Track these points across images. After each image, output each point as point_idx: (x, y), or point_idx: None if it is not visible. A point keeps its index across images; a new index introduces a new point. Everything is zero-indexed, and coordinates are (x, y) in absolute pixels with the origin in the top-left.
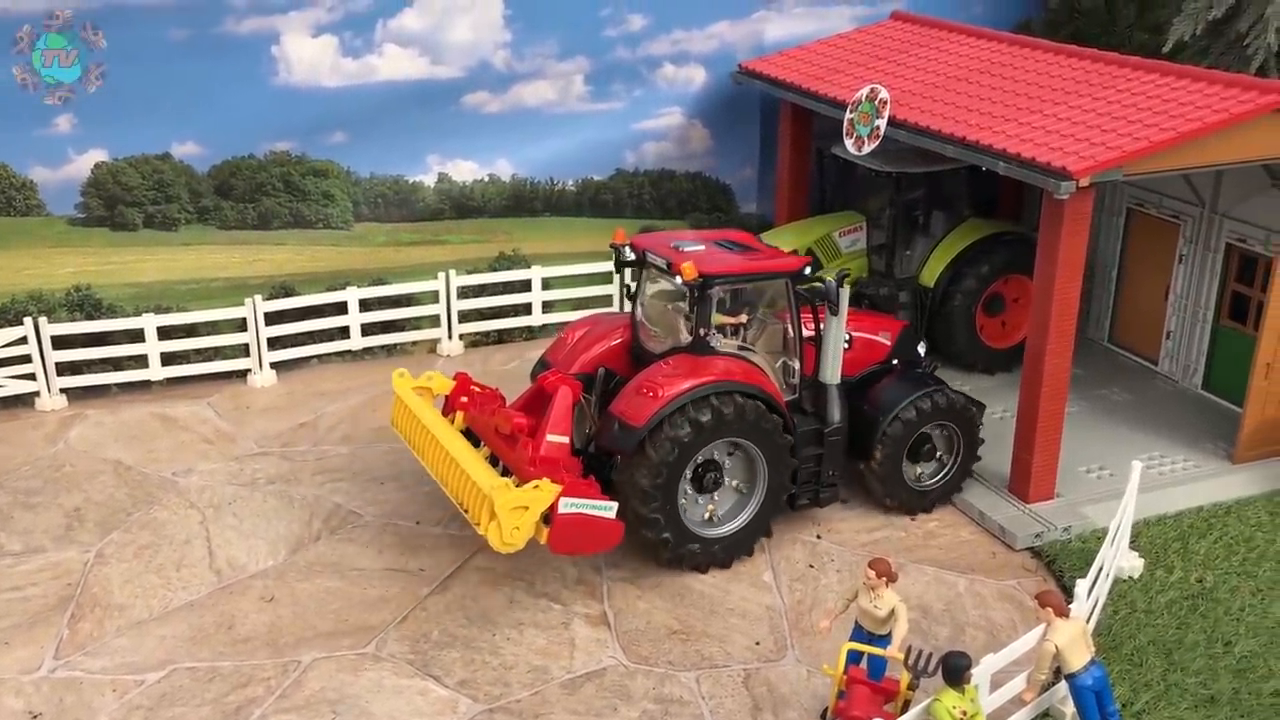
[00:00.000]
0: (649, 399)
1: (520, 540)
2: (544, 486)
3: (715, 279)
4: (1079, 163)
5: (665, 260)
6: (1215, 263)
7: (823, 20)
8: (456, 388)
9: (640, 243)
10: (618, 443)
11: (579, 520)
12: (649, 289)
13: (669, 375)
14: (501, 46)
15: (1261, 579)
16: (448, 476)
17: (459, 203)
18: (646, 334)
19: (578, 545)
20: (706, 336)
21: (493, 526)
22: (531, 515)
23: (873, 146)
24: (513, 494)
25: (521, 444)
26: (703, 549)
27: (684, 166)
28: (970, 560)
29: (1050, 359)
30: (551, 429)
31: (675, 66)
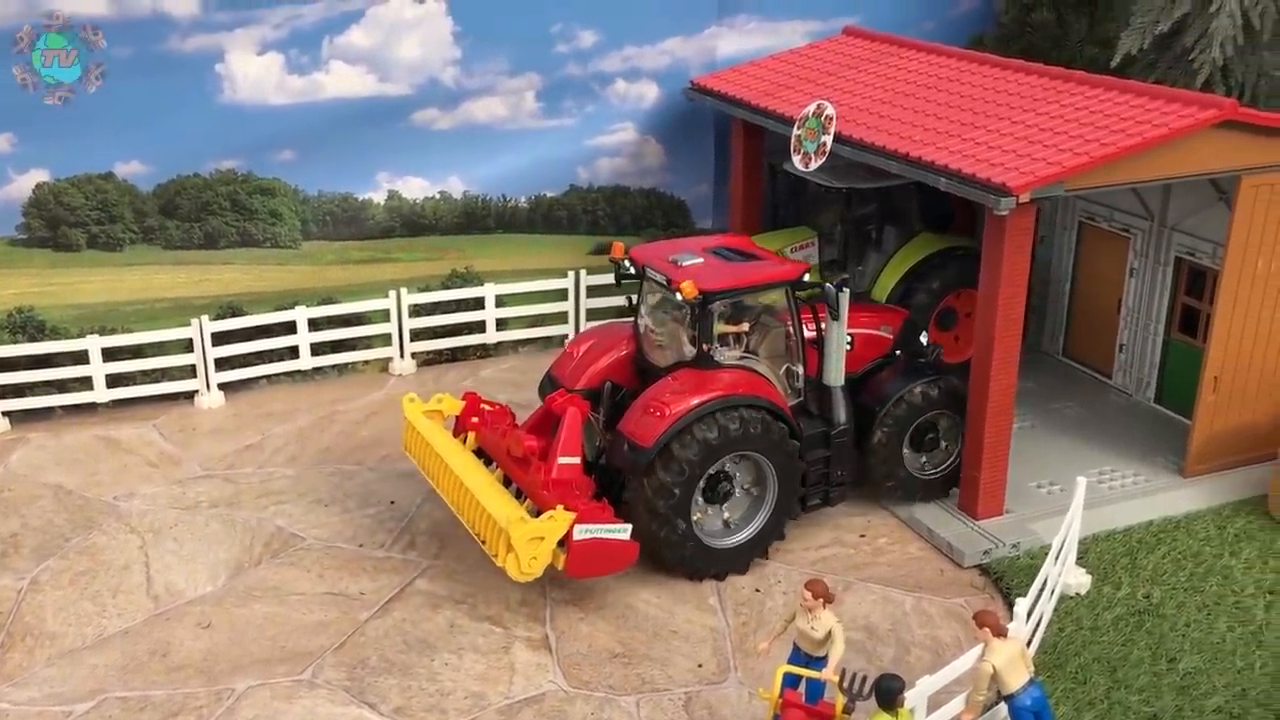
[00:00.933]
0: (656, 418)
1: (539, 569)
2: (558, 516)
3: (715, 295)
4: (1018, 178)
5: (665, 277)
6: (1165, 276)
7: (775, 36)
8: (467, 408)
9: (639, 256)
10: (628, 463)
11: (595, 545)
12: (650, 301)
13: (676, 393)
14: (451, 63)
15: (1208, 594)
16: (463, 506)
17: (410, 220)
18: (650, 346)
19: (595, 568)
20: (710, 351)
21: (510, 558)
22: (548, 544)
23: (819, 163)
24: (529, 526)
25: (534, 467)
26: (717, 559)
27: (638, 183)
28: (918, 578)
29: (996, 375)
30: (563, 452)
31: (627, 83)
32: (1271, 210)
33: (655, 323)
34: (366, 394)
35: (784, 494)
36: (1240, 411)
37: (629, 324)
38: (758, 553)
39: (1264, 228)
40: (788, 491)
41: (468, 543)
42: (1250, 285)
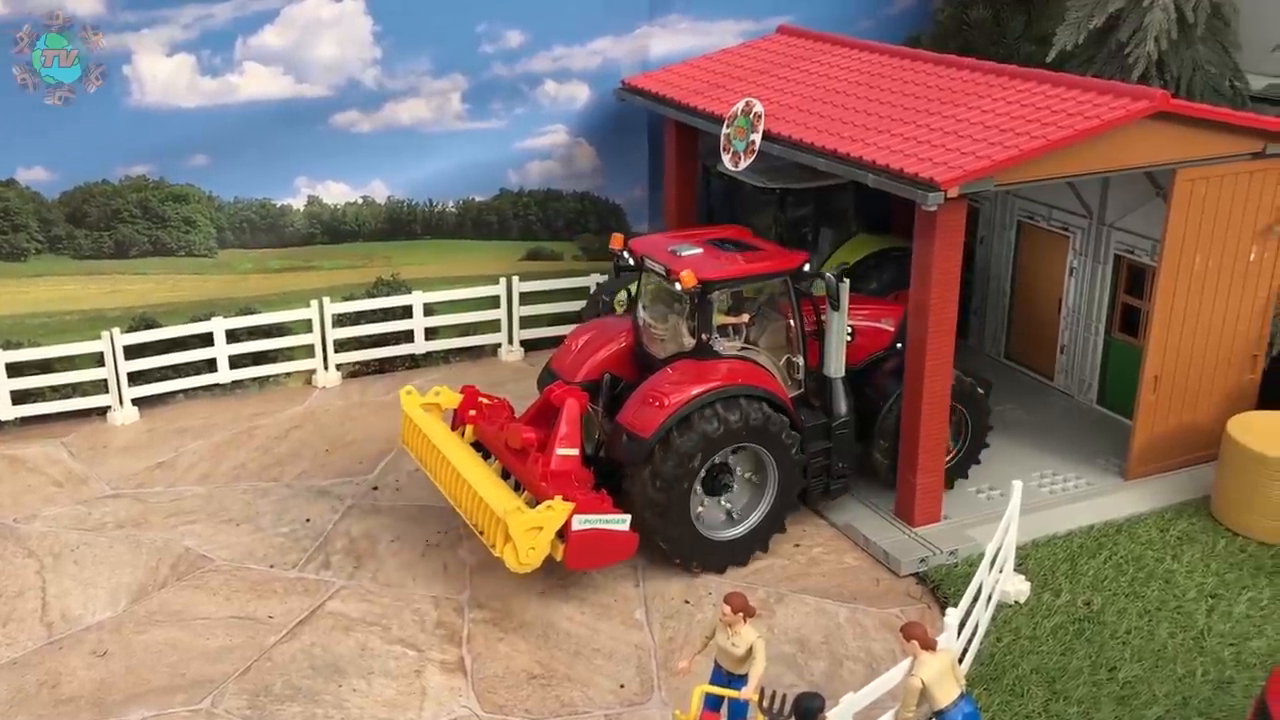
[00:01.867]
0: (655, 409)
1: (537, 559)
2: (557, 506)
3: (714, 284)
4: (947, 173)
5: (664, 266)
6: (1105, 274)
7: (708, 35)
8: (464, 401)
9: (638, 247)
10: (627, 454)
11: (594, 535)
12: (648, 293)
13: (674, 383)
14: (371, 64)
15: (1149, 600)
16: (461, 498)
17: (331, 226)
18: (649, 338)
19: (594, 559)
20: (709, 341)
21: (508, 548)
22: (546, 535)
23: (748, 162)
24: (527, 516)
25: (532, 458)
26: (716, 551)
27: (571, 186)
28: (853, 588)
29: (930, 376)
30: (561, 443)
31: (557, 84)
32: (1208, 205)
33: (654, 314)
34: (287, 408)
35: (784, 486)
36: (1181, 411)
37: (627, 317)
38: (758, 545)
39: (1200, 223)
40: (788, 484)
41: (385, 561)
42: (1188, 282)
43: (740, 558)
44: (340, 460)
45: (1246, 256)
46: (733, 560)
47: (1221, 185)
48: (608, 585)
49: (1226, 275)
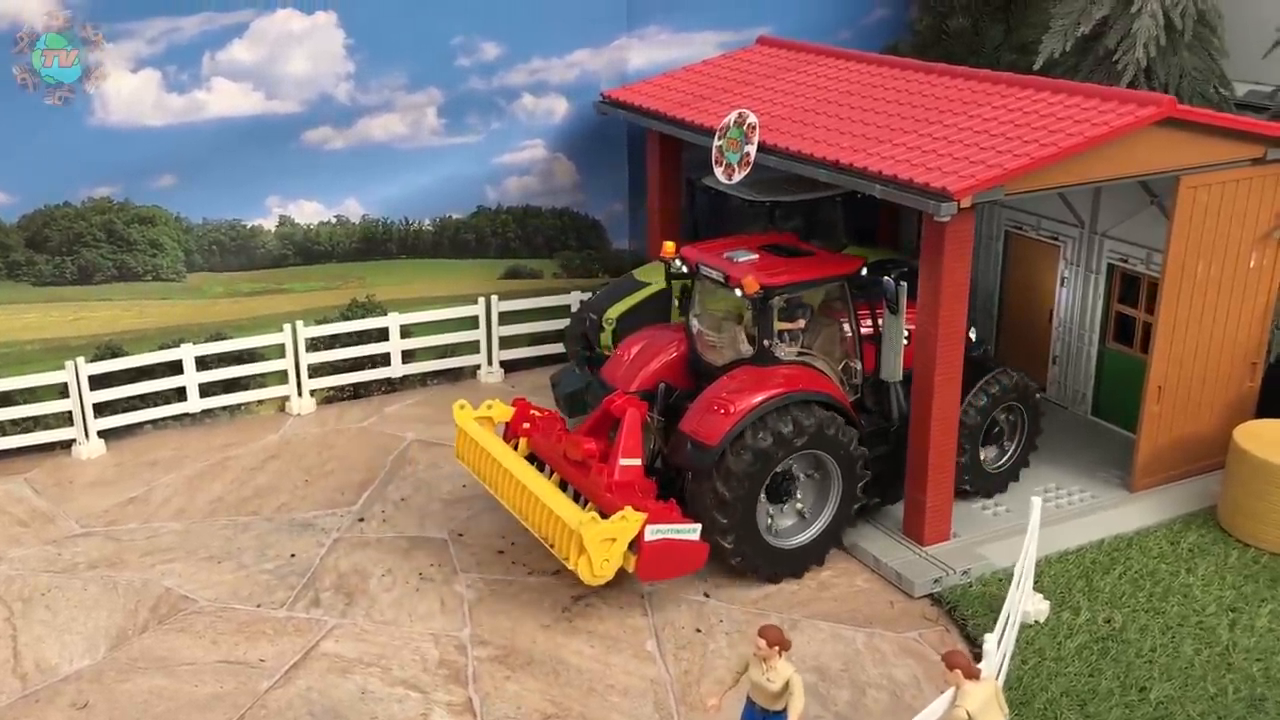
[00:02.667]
0: (721, 416)
1: (610, 571)
2: (630, 516)
3: (776, 290)
4: (959, 182)
5: (722, 273)
6: (1098, 284)
7: (687, 47)
8: (517, 414)
9: (691, 255)
10: (692, 462)
11: (666, 546)
12: (702, 300)
13: (738, 390)
14: (344, 78)
15: (1170, 615)
16: (528, 511)
17: (304, 247)
18: (704, 346)
19: (666, 570)
20: (770, 347)
21: (582, 561)
22: (620, 546)
23: (743, 174)
24: (601, 527)
25: (595, 470)
26: (782, 559)
27: (550, 202)
28: (867, 612)
29: (940, 390)
30: (624, 453)
31: (535, 97)
32: (1209, 211)
33: (708, 322)
34: (261, 437)
35: (847, 491)
36: (1184, 422)
37: (677, 326)
38: (822, 552)
39: (1203, 230)
40: (851, 488)
41: (378, 597)
42: (1191, 290)
43: (804, 565)
44: (321, 491)
45: (1247, 263)
46: (798, 567)
47: (1223, 192)
48: (615, 616)
49: (1228, 282)
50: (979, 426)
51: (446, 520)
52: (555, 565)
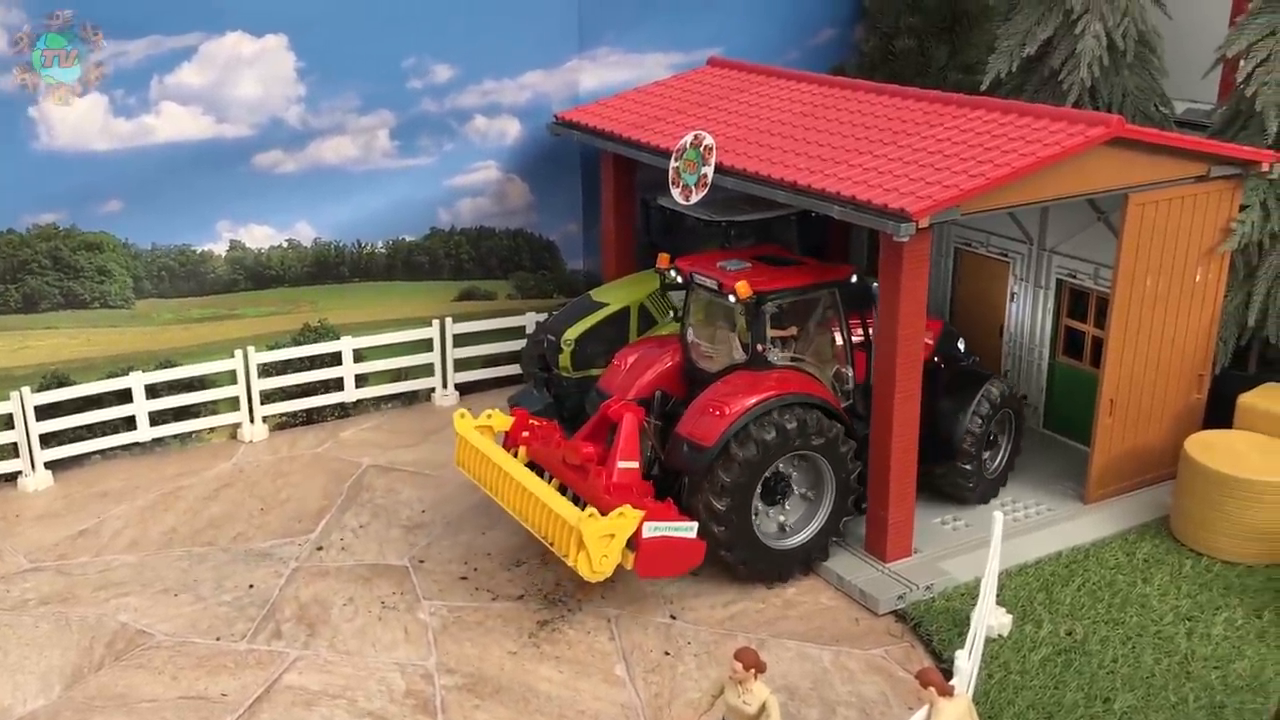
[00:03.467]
0: (716, 418)
1: (609, 568)
2: (628, 513)
3: (769, 295)
4: (917, 203)
5: (716, 281)
6: (1047, 299)
7: (638, 68)
8: (516, 423)
9: (686, 265)
10: (688, 463)
11: (663, 543)
12: (697, 309)
13: (732, 393)
14: (295, 101)
15: (1129, 626)
16: (528, 512)
17: (255, 272)
18: (699, 354)
19: (663, 568)
20: (763, 352)
21: (581, 557)
22: (618, 542)
23: (701, 195)
24: (600, 523)
25: (594, 473)
26: (775, 562)
27: (504, 223)
28: (833, 630)
29: (900, 407)
30: (622, 456)
31: (487, 119)
32: (1157, 228)
33: (703, 330)
34: (214, 465)
35: (840, 493)
36: (1135, 434)
37: (671, 336)
38: (816, 553)
39: (1150, 246)
40: (844, 491)
41: (340, 627)
42: (1140, 305)
43: (797, 566)
44: (278, 519)
45: (1193, 278)
46: (793, 568)
47: (1169, 208)
48: (582, 640)
49: (1175, 297)
50: (984, 434)
51: (407, 547)
52: (519, 590)
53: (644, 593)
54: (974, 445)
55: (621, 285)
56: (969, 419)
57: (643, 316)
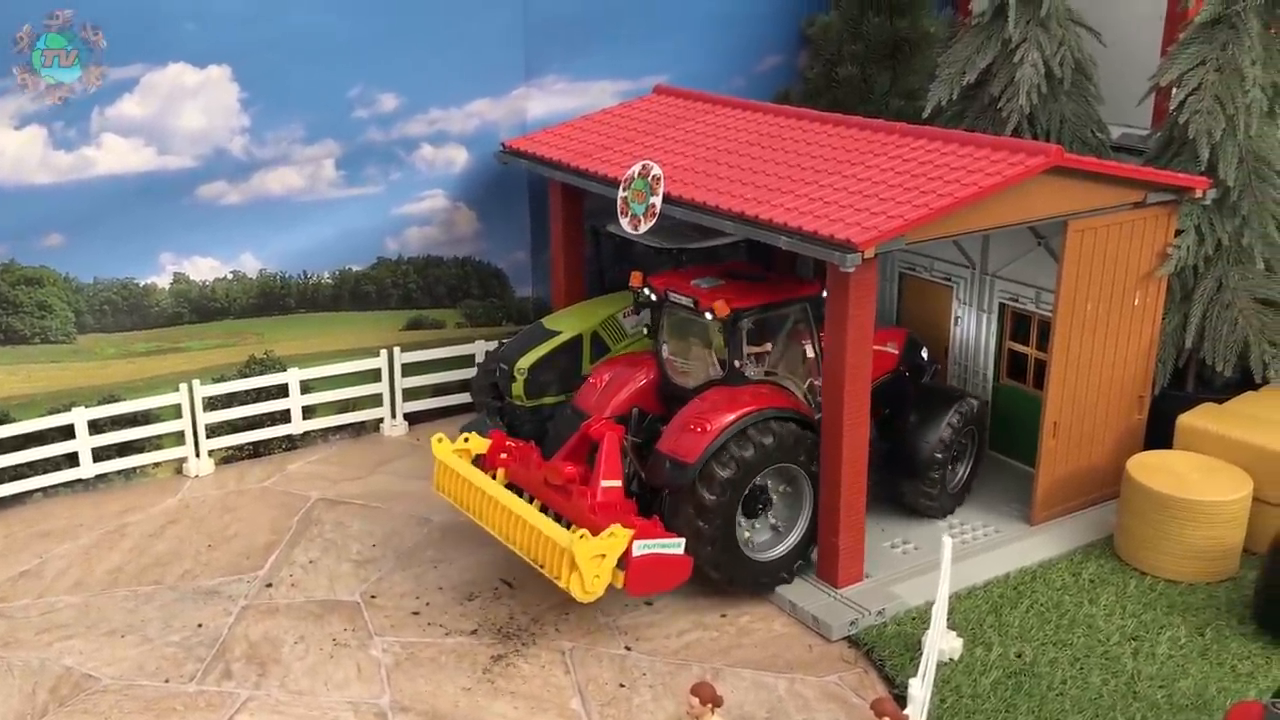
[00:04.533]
0: (698, 434)
1: (600, 588)
2: (618, 533)
3: (745, 312)
4: (862, 234)
5: (692, 299)
6: (990, 323)
7: (584, 96)
8: (493, 445)
9: (660, 283)
10: (671, 480)
11: (653, 561)
12: (671, 327)
13: (712, 409)
14: (239, 132)
15: (1077, 647)
16: (514, 535)
17: (199, 305)
18: (674, 370)
19: (653, 585)
20: (741, 368)
21: (574, 578)
22: (609, 562)
23: (649, 225)
24: (591, 544)
25: (577, 493)
26: (754, 573)
27: (452, 252)
28: (787, 657)
29: (849, 433)
30: (605, 475)
31: (434, 147)
32: (1096, 253)
33: (677, 347)
34: (159, 501)
35: (818, 504)
36: (1079, 455)
37: (645, 354)
38: (796, 562)
39: (1090, 271)
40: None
41: (291, 665)
42: (1081, 329)
43: (784, 575)
44: (225, 556)
45: (1131, 302)
46: (775, 578)
47: (1108, 234)
48: (537, 675)
49: (1115, 320)
50: (949, 453)
51: (357, 582)
52: (473, 624)
53: (598, 624)
54: (940, 463)
55: (573, 313)
56: (937, 438)
57: (595, 344)
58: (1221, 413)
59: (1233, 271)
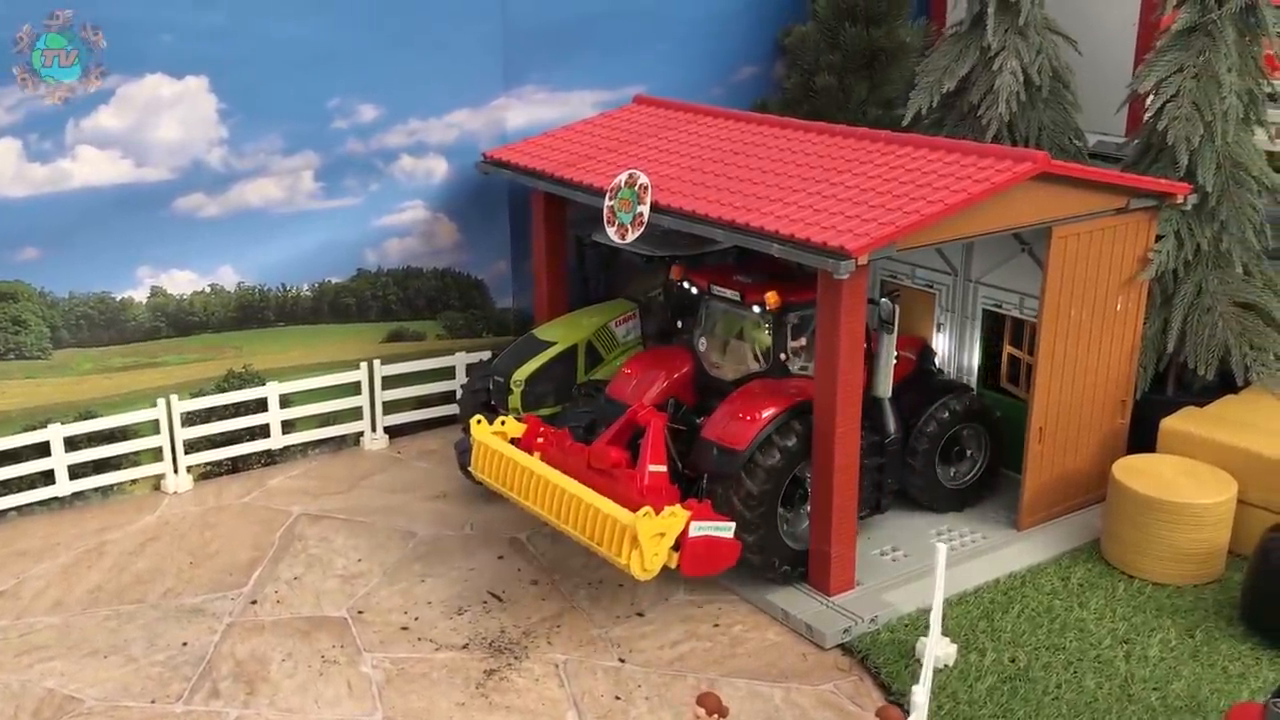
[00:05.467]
0: (747, 422)
1: (657, 566)
2: (677, 513)
3: (795, 306)
4: (855, 240)
5: (738, 292)
6: (974, 330)
7: (564, 106)
8: (529, 430)
9: (700, 277)
10: (719, 466)
11: (707, 543)
12: (710, 320)
13: (758, 399)
14: (217, 143)
15: (1070, 651)
16: (566, 513)
17: (177, 318)
18: (710, 363)
19: (706, 566)
20: (785, 361)
21: (635, 555)
22: (667, 541)
23: (637, 234)
24: (654, 521)
25: (626, 476)
26: (793, 560)
27: (431, 263)
28: (782, 666)
29: (840, 441)
30: (652, 460)
31: (414, 158)
32: (1079, 259)
33: (715, 341)
34: (138, 518)
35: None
36: (1064, 460)
37: (678, 347)
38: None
39: (1074, 277)
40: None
41: (280, 684)
42: (1066, 335)
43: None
44: (208, 573)
45: (1114, 306)
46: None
47: (1091, 240)
48: (531, 689)
49: (1098, 325)
50: (935, 445)
51: (344, 597)
52: (463, 639)
53: (590, 636)
54: (926, 455)
55: (564, 323)
56: (918, 429)
57: (589, 353)
58: (1204, 416)
59: (1212, 276)
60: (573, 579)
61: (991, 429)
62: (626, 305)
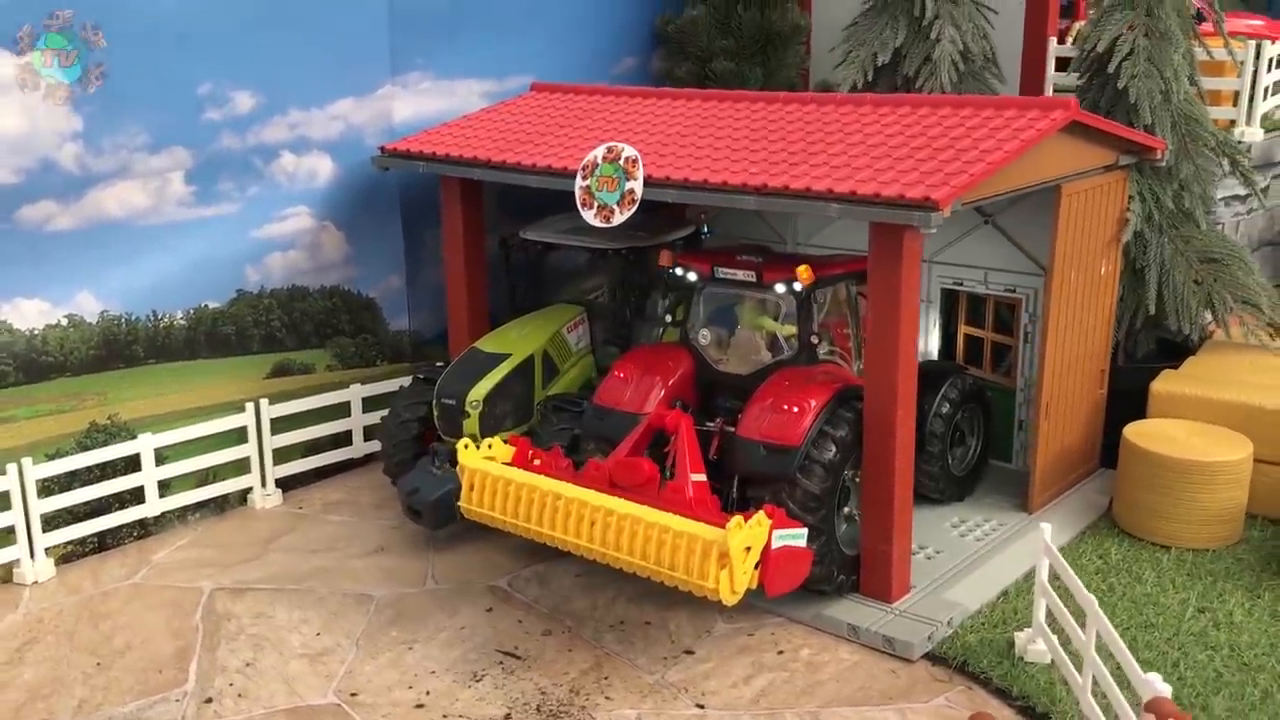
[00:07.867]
0: (795, 415)
1: (745, 586)
2: (761, 522)
3: (824, 281)
4: (939, 191)
5: (754, 273)
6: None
7: (452, 97)
8: (518, 453)
9: (702, 261)
10: (771, 468)
11: (788, 554)
12: (713, 309)
13: (800, 387)
14: (69, 137)
15: (1160, 629)
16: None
17: (27, 360)
18: (717, 357)
19: (787, 581)
20: (817, 344)
21: (724, 575)
22: (753, 556)
23: (627, 214)
24: (744, 533)
25: (669, 488)
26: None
27: (318, 281)
28: (877, 687)
29: (901, 426)
30: (693, 469)
31: (296, 156)
32: (1079, 219)
33: (719, 332)
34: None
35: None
36: (1063, 434)
37: (667, 345)
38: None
39: (1075, 239)
40: None
41: None
42: (1066, 303)
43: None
44: (127, 675)
45: (1099, 270)
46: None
47: (1088, 199)
48: None
49: (1087, 291)
50: (948, 430)
51: (322, 680)
52: (501, 709)
53: (647, 685)
54: (939, 441)
55: (513, 333)
56: (932, 414)
57: (545, 364)
58: (1186, 377)
59: (1177, 236)
60: (590, 623)
61: (986, 410)
62: (573, 310)
